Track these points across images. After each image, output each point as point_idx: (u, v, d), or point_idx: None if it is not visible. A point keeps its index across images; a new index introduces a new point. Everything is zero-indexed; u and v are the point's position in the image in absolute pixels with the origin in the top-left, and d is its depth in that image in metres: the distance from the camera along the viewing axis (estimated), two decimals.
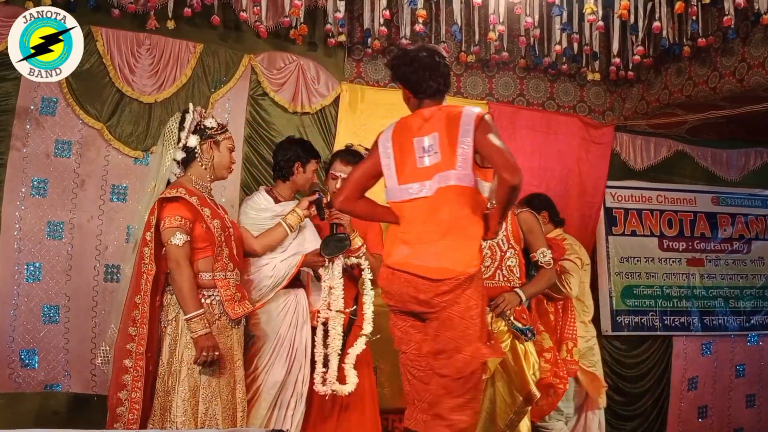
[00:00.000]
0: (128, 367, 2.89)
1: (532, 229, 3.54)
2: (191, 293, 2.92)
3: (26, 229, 3.96)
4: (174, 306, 2.98)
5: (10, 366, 3.88)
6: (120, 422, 2.88)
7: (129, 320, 2.93)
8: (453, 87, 4.96)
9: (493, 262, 3.47)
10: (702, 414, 5.47)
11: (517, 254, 3.50)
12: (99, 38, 4.08)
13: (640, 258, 5.38)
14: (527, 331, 3.42)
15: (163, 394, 2.93)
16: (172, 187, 3.00)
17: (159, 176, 3.06)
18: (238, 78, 4.39)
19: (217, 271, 3.02)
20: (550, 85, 5.25)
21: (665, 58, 4.89)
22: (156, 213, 2.96)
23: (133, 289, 2.96)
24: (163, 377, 2.94)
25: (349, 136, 4.56)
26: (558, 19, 4.49)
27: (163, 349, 2.96)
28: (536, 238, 3.54)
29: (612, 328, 5.26)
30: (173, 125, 3.10)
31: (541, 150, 5.08)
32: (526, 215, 3.57)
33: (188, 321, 2.91)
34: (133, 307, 2.93)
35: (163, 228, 2.95)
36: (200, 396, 2.91)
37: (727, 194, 5.69)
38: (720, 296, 5.56)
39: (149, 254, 2.94)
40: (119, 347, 2.95)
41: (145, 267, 2.94)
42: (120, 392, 2.89)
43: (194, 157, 3.08)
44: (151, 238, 2.94)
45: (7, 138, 3.94)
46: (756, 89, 4.33)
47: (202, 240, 3.01)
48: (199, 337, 2.89)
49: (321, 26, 4.55)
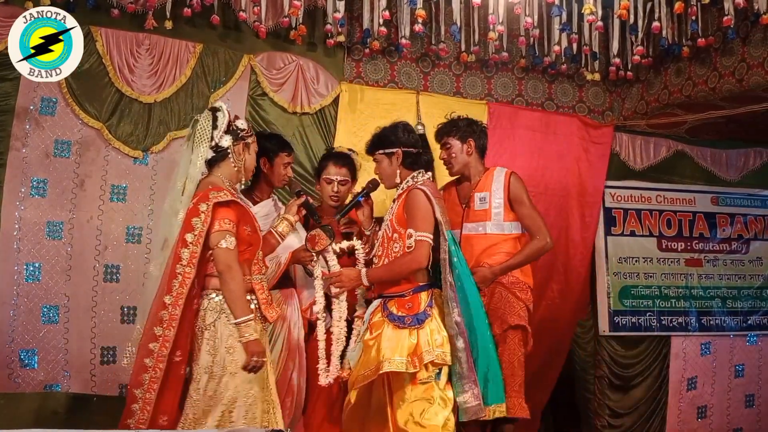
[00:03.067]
0: (148, 366, 2.86)
1: (409, 208, 3.21)
2: (243, 297, 2.91)
3: (26, 229, 3.95)
4: (213, 311, 2.93)
5: (10, 366, 3.87)
6: (133, 418, 2.86)
7: (156, 320, 2.88)
8: (452, 87, 4.98)
9: (383, 249, 3.29)
10: (701, 414, 5.48)
11: (401, 238, 3.20)
12: (98, 38, 4.08)
13: (638, 258, 5.38)
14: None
15: (200, 399, 2.88)
16: (213, 189, 2.95)
17: (189, 175, 2.99)
18: (237, 78, 4.39)
19: (254, 274, 3.02)
20: (550, 86, 5.25)
21: (665, 58, 4.89)
22: (204, 215, 2.88)
23: (163, 289, 2.90)
24: (200, 382, 2.89)
25: (348, 136, 4.58)
26: (557, 20, 4.48)
27: (201, 354, 2.91)
28: (409, 219, 3.19)
29: (609, 329, 5.26)
30: (206, 123, 3.02)
31: (540, 150, 5.07)
32: (411, 193, 3.23)
33: (239, 326, 2.87)
34: (161, 307, 2.88)
35: (214, 231, 2.90)
36: (241, 400, 2.89)
37: (726, 194, 5.68)
38: (718, 296, 5.55)
39: (188, 257, 2.87)
40: (143, 345, 2.91)
41: (182, 269, 2.87)
42: (136, 389, 2.87)
43: (223, 158, 3.04)
44: (193, 241, 2.88)
45: (6, 138, 3.93)
46: (755, 89, 4.33)
47: (243, 243, 2.98)
48: (250, 342, 2.86)
49: (320, 26, 4.55)
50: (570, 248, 5.12)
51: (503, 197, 3.70)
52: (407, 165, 3.31)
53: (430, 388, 3.10)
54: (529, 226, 3.73)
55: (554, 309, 5.07)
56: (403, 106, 4.71)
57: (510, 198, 3.69)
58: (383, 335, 3.12)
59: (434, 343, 3.09)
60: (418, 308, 3.15)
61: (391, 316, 3.14)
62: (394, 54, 4.82)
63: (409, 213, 3.18)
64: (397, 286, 3.21)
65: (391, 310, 3.16)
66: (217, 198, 2.92)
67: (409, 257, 3.14)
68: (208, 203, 2.91)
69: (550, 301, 5.07)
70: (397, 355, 3.05)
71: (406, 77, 4.87)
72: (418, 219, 3.16)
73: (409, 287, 3.19)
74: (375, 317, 3.22)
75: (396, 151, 3.29)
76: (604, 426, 5.27)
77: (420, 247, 3.13)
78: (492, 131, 4.93)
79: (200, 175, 3.02)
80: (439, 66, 4.96)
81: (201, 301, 2.97)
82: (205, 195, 2.93)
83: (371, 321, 3.22)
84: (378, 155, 3.35)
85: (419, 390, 3.09)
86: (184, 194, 2.97)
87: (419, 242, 3.13)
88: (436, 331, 3.13)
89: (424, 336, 3.10)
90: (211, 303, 2.94)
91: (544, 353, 5.06)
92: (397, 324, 3.12)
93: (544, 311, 5.03)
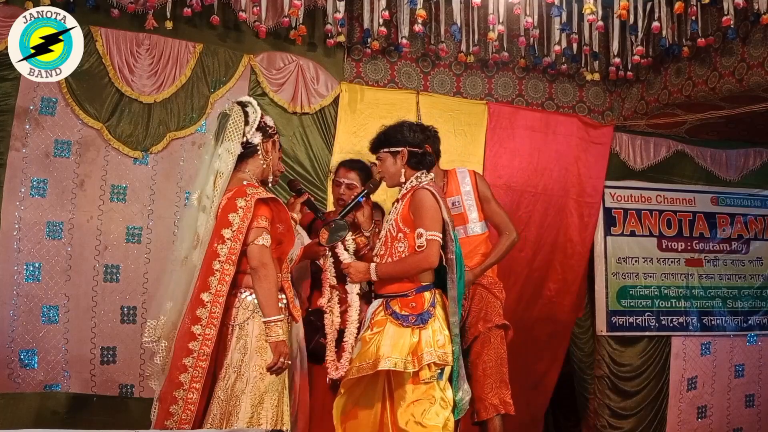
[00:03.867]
0: (188, 366, 2.76)
1: (417, 208, 3.14)
2: (276, 296, 2.86)
3: (26, 229, 3.96)
4: (245, 309, 2.87)
5: (10, 366, 3.88)
6: (171, 420, 2.77)
7: (194, 318, 2.79)
8: (452, 87, 4.98)
9: (386, 249, 3.22)
10: (701, 414, 5.48)
11: (406, 238, 3.16)
12: (98, 38, 4.09)
13: (638, 258, 5.39)
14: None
15: (226, 399, 2.82)
16: (249, 185, 2.90)
17: (220, 170, 2.90)
18: (237, 78, 4.39)
19: (284, 272, 2.98)
20: (550, 85, 5.25)
21: (665, 58, 4.89)
22: (242, 211, 2.81)
23: (200, 287, 2.81)
24: (228, 381, 2.81)
25: (348, 136, 4.58)
26: (557, 20, 4.49)
27: (229, 353, 2.83)
28: (418, 218, 3.13)
29: (607, 329, 5.27)
30: (238, 118, 2.95)
31: (540, 150, 5.08)
32: (417, 193, 3.17)
33: (268, 324, 2.82)
34: (199, 304, 2.79)
35: (252, 228, 2.84)
36: (268, 402, 2.84)
37: (726, 194, 5.69)
38: (718, 296, 5.56)
39: (227, 253, 2.80)
40: (180, 346, 2.80)
41: (220, 265, 2.80)
42: (176, 391, 2.76)
43: (252, 154, 2.98)
44: (231, 237, 2.80)
45: (6, 138, 3.94)
46: (755, 89, 4.33)
47: (275, 241, 2.94)
48: (279, 342, 2.82)
49: (320, 26, 4.55)
50: (568, 248, 5.12)
51: (474, 198, 3.73)
52: (412, 165, 3.27)
53: (431, 388, 3.09)
54: (498, 223, 3.77)
55: (552, 308, 5.09)
56: (403, 106, 4.72)
57: (480, 197, 3.72)
58: (385, 332, 3.09)
59: (436, 343, 3.08)
60: (422, 308, 3.12)
61: (394, 314, 3.12)
62: (394, 54, 4.83)
63: (418, 213, 3.14)
64: (399, 286, 3.17)
65: (394, 308, 3.14)
66: (257, 194, 2.87)
67: (421, 256, 3.10)
68: (245, 198, 2.84)
69: (547, 300, 5.08)
70: (396, 353, 3.03)
71: (406, 77, 4.87)
72: (428, 219, 3.12)
73: (412, 287, 3.17)
74: (377, 316, 3.20)
75: (401, 150, 3.25)
76: (604, 426, 5.28)
77: (431, 246, 3.10)
78: (492, 131, 4.97)
79: (230, 171, 2.94)
80: (439, 66, 4.97)
81: (231, 299, 2.90)
82: (242, 191, 2.86)
83: (373, 320, 3.21)
84: (382, 153, 3.30)
85: (420, 390, 3.08)
86: (217, 189, 2.89)
87: (430, 241, 3.10)
88: (439, 331, 3.12)
89: (426, 336, 3.09)
90: (244, 302, 2.89)
91: (543, 352, 5.08)
92: (400, 322, 3.09)
93: (541, 309, 5.05)
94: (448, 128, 4.72)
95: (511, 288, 4.93)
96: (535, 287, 5.06)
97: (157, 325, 2.89)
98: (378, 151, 3.33)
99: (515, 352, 3.96)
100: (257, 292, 2.85)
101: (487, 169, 4.88)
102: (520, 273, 4.98)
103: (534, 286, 5.06)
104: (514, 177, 4.98)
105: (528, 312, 5.01)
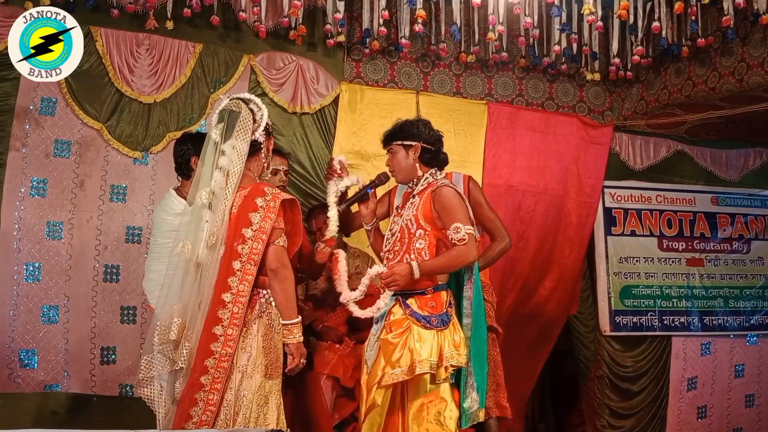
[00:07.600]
0: (209, 367, 2.75)
1: (445, 205, 3.12)
2: (295, 298, 2.85)
3: (26, 229, 3.96)
4: (255, 309, 2.85)
5: (10, 366, 3.88)
6: (191, 422, 2.75)
7: (215, 319, 2.78)
8: (452, 87, 4.98)
9: (402, 245, 3.19)
10: (701, 414, 5.47)
11: (427, 235, 3.16)
12: (98, 38, 4.09)
13: (639, 258, 5.39)
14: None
15: (233, 399, 2.80)
16: (263, 184, 2.89)
17: (230, 168, 2.86)
18: (237, 78, 4.39)
19: None
20: (549, 86, 5.25)
21: (664, 58, 4.89)
22: (263, 210, 2.80)
23: (220, 287, 2.80)
24: (233, 381, 2.80)
25: (348, 136, 4.59)
26: (557, 20, 4.49)
27: (237, 353, 2.81)
28: (449, 215, 3.11)
29: (611, 328, 5.27)
30: (247, 116, 2.93)
31: (540, 150, 5.08)
32: (442, 190, 3.15)
33: (288, 327, 2.82)
34: (220, 305, 2.79)
35: (275, 228, 2.82)
36: (272, 401, 2.85)
37: (726, 194, 5.69)
38: (719, 296, 5.56)
39: (248, 252, 2.79)
40: (202, 348, 2.79)
41: (241, 265, 2.79)
42: (197, 393, 2.75)
43: (254, 153, 2.96)
44: (252, 236, 2.79)
45: (6, 138, 3.94)
46: (755, 89, 4.33)
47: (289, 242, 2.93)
48: (297, 344, 2.83)
49: (320, 26, 4.55)
50: (566, 247, 5.13)
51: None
52: (425, 161, 3.24)
53: (445, 389, 3.09)
54: (490, 229, 3.72)
55: (546, 305, 5.09)
56: (403, 106, 4.71)
57: (472, 203, 3.67)
58: (413, 335, 3.05)
59: (456, 345, 3.08)
60: (441, 308, 3.10)
61: (415, 315, 3.08)
62: (393, 54, 4.83)
63: (448, 209, 3.11)
64: (417, 283, 3.12)
65: (414, 308, 3.10)
66: (280, 195, 2.86)
67: (464, 249, 3.07)
68: (265, 198, 2.82)
69: (540, 297, 5.09)
70: (432, 356, 3.01)
71: (406, 77, 4.87)
72: (461, 214, 3.11)
73: (430, 285, 3.13)
74: (394, 315, 3.14)
75: (415, 144, 3.21)
76: (604, 426, 5.27)
77: (471, 240, 3.10)
78: (492, 131, 4.96)
79: (242, 169, 2.90)
80: (439, 66, 4.96)
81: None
82: (259, 189, 2.85)
83: (389, 320, 3.14)
84: (395, 146, 3.26)
85: (436, 390, 3.08)
86: (229, 187, 2.85)
87: (470, 236, 3.10)
88: (456, 333, 3.12)
89: (447, 338, 3.08)
90: (251, 302, 2.86)
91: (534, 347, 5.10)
92: (423, 324, 3.06)
93: (534, 306, 5.07)
94: (448, 128, 4.70)
95: (512, 288, 4.96)
96: (533, 286, 5.06)
97: (170, 328, 2.83)
98: (390, 144, 3.29)
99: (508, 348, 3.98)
100: (276, 293, 2.84)
101: (487, 169, 4.88)
102: (522, 273, 4.99)
103: (533, 285, 5.06)
104: (515, 177, 4.98)
105: (524, 309, 5.02)
